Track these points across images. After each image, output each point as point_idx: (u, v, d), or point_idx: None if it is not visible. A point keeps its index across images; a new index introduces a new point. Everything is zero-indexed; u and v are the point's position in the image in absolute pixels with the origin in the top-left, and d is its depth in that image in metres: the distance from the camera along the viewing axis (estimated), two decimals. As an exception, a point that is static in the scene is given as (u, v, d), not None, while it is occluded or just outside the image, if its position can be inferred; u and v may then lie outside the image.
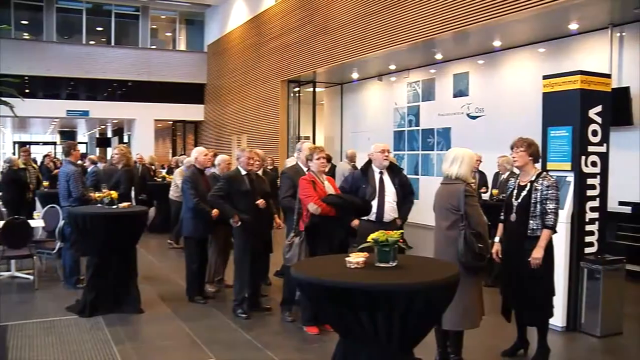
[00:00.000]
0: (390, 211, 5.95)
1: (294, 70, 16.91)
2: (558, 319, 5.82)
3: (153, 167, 14.36)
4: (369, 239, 3.49)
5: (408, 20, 11.91)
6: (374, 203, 5.90)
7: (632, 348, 5.70)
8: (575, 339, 5.83)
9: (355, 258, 3.45)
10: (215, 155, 7.94)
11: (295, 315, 6.20)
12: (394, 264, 3.45)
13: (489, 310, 4.98)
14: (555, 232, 4.96)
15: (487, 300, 4.90)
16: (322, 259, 4.21)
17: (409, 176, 14.25)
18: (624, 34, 10.10)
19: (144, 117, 23.50)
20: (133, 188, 9.42)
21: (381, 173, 6.04)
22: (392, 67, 15.05)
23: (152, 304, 6.87)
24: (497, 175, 8.84)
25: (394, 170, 6.17)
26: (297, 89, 18.04)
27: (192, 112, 24.61)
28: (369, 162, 6.15)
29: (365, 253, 3.53)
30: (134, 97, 23.18)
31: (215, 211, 6.79)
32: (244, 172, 6.44)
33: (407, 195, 6.18)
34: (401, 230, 3.70)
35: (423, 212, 4.94)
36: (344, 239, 5.72)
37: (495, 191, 8.31)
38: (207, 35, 25.25)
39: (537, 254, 4.83)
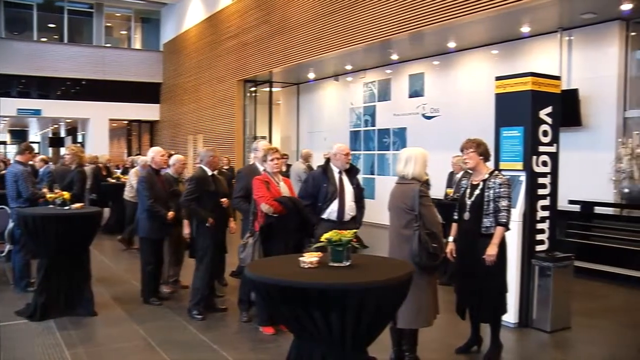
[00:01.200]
0: (350, 210, 6.00)
1: (251, 70, 16.86)
2: (510, 316, 5.92)
3: (108, 167, 14.11)
4: (323, 238, 3.50)
5: (364, 20, 11.99)
6: (335, 202, 5.95)
7: (580, 342, 5.85)
8: (526, 334, 5.96)
9: (309, 258, 3.46)
10: (170, 155, 7.86)
11: (251, 315, 6.19)
12: (348, 264, 3.48)
13: (443, 308, 5.04)
14: (508, 229, 5.05)
15: (442, 299, 4.96)
16: (276, 259, 4.21)
17: (365, 176, 14.59)
18: (572, 37, 10.38)
19: (99, 116, 23.07)
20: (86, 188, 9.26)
21: (340, 173, 6.07)
22: (349, 67, 15.13)
23: (106, 306, 6.76)
24: (451, 174, 8.96)
25: (351, 171, 6.21)
26: (253, 89, 17.99)
27: (147, 111, 24.30)
28: (328, 162, 6.18)
29: (319, 253, 3.54)
30: (88, 96, 22.75)
31: (170, 213, 6.75)
32: (209, 173, 6.43)
33: (359, 200, 6.21)
34: (354, 230, 3.72)
35: (379, 211, 4.99)
36: (300, 239, 5.72)
37: (449, 190, 8.42)
38: (163, 33, 24.98)
39: (491, 251, 4.91)
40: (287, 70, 15.73)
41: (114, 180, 13.10)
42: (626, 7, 9.03)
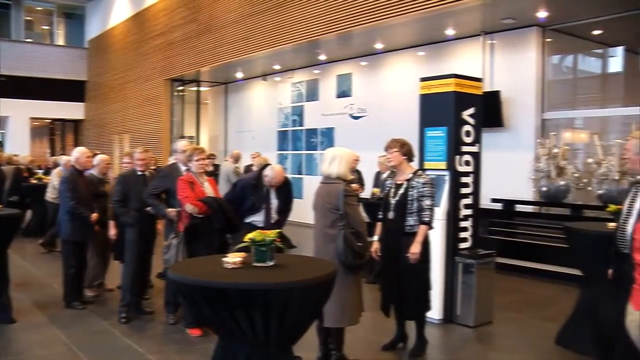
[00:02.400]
0: (273, 221, 6.12)
1: (178, 69, 16.65)
2: (435, 312, 6.03)
3: (29, 168, 13.62)
4: (246, 238, 3.49)
5: (293, 20, 12.02)
6: (260, 214, 6.06)
7: (501, 336, 6.02)
8: (451, 330, 6.10)
9: (233, 258, 3.44)
10: (94, 155, 7.66)
11: (178, 317, 6.10)
12: (271, 264, 3.47)
13: (370, 306, 5.10)
14: (431, 227, 5.15)
15: (368, 297, 5.01)
16: (200, 260, 4.16)
17: (293, 176, 14.62)
18: (494, 41, 10.72)
19: (19, 114, 22.16)
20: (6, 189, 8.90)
21: (269, 189, 6.15)
22: (277, 67, 15.14)
23: (25, 312, 6.50)
24: (378, 174, 9.07)
25: (283, 188, 6.27)
26: (180, 88, 17.76)
27: (71, 110, 23.51)
28: (261, 172, 6.18)
29: (243, 253, 3.53)
30: (8, 93, 21.68)
31: (94, 215, 6.58)
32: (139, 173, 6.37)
33: (285, 209, 6.33)
34: (278, 230, 3.73)
35: (307, 211, 5.01)
36: (224, 240, 5.69)
37: (376, 190, 8.53)
38: (87, 30, 24.29)
39: (415, 249, 4.99)
40: (215, 69, 15.61)
41: (35, 181, 12.66)
42: (542, 14, 9.44)
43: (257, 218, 6.07)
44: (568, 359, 5.29)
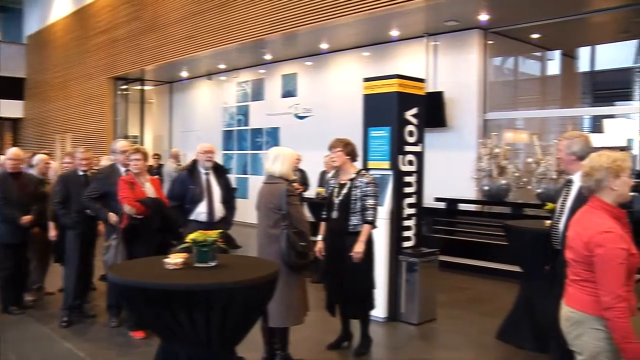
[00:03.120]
0: (219, 211, 6.00)
1: (122, 68, 16.35)
2: (380, 311, 6.09)
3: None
4: (188, 239, 3.46)
5: (238, 19, 11.96)
6: (203, 204, 5.92)
7: (444, 332, 6.12)
8: (395, 327, 6.17)
9: (174, 259, 3.40)
10: (33, 155, 7.44)
11: (121, 320, 5.99)
12: (214, 264, 3.44)
13: (315, 305, 5.11)
14: (375, 227, 5.18)
15: (313, 296, 5.02)
16: (141, 261, 4.08)
17: (238, 176, 14.54)
18: (437, 43, 10.88)
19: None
20: None
21: (207, 174, 6.02)
22: (222, 66, 15.05)
23: (-42, 319, 6.28)
24: (323, 173, 9.10)
25: (219, 171, 6.17)
26: (124, 87, 17.45)
27: (9, 108, 22.69)
28: (195, 162, 6.12)
29: (185, 254, 3.49)
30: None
31: (25, 218, 6.35)
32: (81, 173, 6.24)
33: (229, 200, 6.21)
34: (220, 230, 3.70)
35: (253, 211, 4.99)
36: (164, 241, 5.61)
37: (321, 189, 8.55)
38: (26, 25, 23.57)
39: (359, 248, 5.02)
40: (159, 68, 15.41)
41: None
42: (484, 17, 9.65)
43: (201, 209, 5.94)
44: (508, 353, 5.41)
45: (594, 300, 2.80)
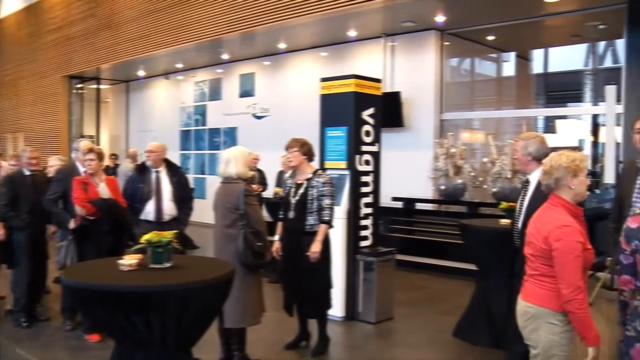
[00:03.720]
0: (169, 210, 5.88)
1: (77, 66, 16.05)
2: (337, 310, 6.10)
3: None
4: (142, 240, 3.41)
5: (195, 18, 11.86)
6: (151, 202, 5.82)
7: (402, 331, 6.17)
8: (353, 327, 6.19)
9: (128, 260, 3.35)
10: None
11: (76, 323, 5.87)
12: (169, 265, 3.41)
13: (273, 305, 5.10)
14: (331, 226, 5.19)
15: (271, 296, 5.02)
16: (95, 263, 4.02)
17: (196, 176, 14.41)
18: (395, 43, 10.96)
19: None
20: None
21: (157, 172, 5.94)
22: (179, 65, 14.92)
23: None
24: (281, 173, 9.08)
25: (172, 169, 6.09)
26: (79, 86, 17.13)
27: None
28: (145, 162, 6.05)
29: (139, 255, 3.44)
30: None
31: None
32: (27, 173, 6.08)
33: (185, 200, 6.11)
34: (175, 231, 3.65)
35: (210, 211, 4.94)
36: (116, 242, 5.52)
37: (278, 189, 8.54)
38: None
39: (315, 248, 5.02)
40: (115, 67, 15.18)
41: None
42: (440, 18, 9.76)
43: (149, 208, 5.83)
44: (464, 350, 5.48)
45: (551, 294, 2.89)
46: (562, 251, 2.80)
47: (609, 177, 8.20)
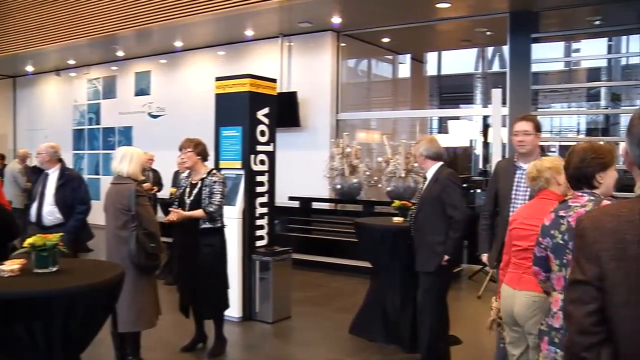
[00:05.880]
0: (50, 214, 5.56)
1: (-44, 59, 15.09)
2: (234, 311, 6.08)
3: None
4: (25, 244, 3.27)
5: (88, 12, 11.45)
6: (34, 205, 5.59)
7: (299, 329, 6.23)
8: (250, 327, 6.19)
9: (9, 265, 3.20)
10: None
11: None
12: (55, 269, 3.29)
13: (169, 308, 5.03)
14: (223, 225, 5.22)
15: (168, 299, 4.95)
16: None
17: (89, 176, 13.93)
18: (292, 44, 11.04)
19: None
20: None
21: (47, 174, 5.69)
22: (72, 61, 14.37)
23: None
24: (176, 173, 8.92)
25: (62, 170, 5.77)
26: (-40, 81, 16.15)
27: None
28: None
29: (22, 259, 3.30)
30: None
31: None
32: None
33: (75, 206, 5.70)
34: (61, 234, 3.53)
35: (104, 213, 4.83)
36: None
37: (173, 190, 8.39)
38: None
39: (179, 216, 4.96)
40: (0, 60, 14.37)
41: None
42: (336, 20, 9.92)
43: (32, 210, 5.58)
44: (360, 346, 5.59)
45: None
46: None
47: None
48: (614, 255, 1.59)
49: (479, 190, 10.79)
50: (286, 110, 9.70)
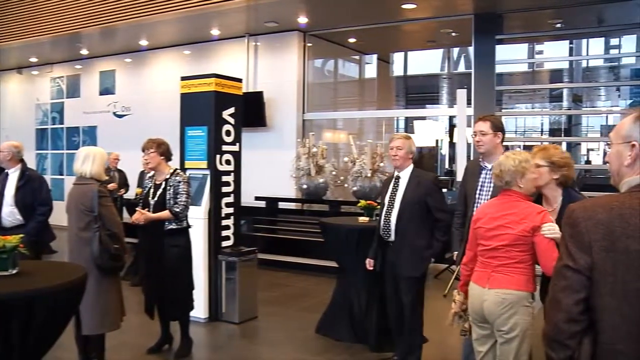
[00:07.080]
0: (9, 215, 5.44)
1: None
2: (200, 311, 6.06)
3: None
4: (-17, 245, 3.21)
5: (50, 9, 11.25)
6: None
7: (266, 329, 6.23)
8: (216, 328, 6.17)
9: (-33, 269, 3.15)
10: None
11: None
12: (15, 272, 3.23)
13: (135, 309, 4.98)
14: (188, 225, 5.20)
15: (133, 300, 4.91)
16: None
17: (53, 177, 13.72)
18: (258, 43, 11.03)
19: None
20: None
21: (7, 174, 5.59)
22: (34, 59, 14.12)
23: None
24: (142, 174, 8.84)
25: (23, 171, 5.67)
26: None
27: None
28: None
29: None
30: None
31: None
32: None
33: (36, 207, 5.58)
34: (21, 235, 3.47)
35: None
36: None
37: (139, 190, 8.32)
38: None
39: (145, 218, 4.95)
40: (-43, 57, 14.08)
41: None
42: (302, 20, 9.94)
43: None
44: (326, 345, 5.61)
45: (527, 279, 3.19)
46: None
47: (461, 176, 8.70)
48: (604, 246, 1.66)
49: (445, 190, 10.91)
50: (252, 110, 9.68)
